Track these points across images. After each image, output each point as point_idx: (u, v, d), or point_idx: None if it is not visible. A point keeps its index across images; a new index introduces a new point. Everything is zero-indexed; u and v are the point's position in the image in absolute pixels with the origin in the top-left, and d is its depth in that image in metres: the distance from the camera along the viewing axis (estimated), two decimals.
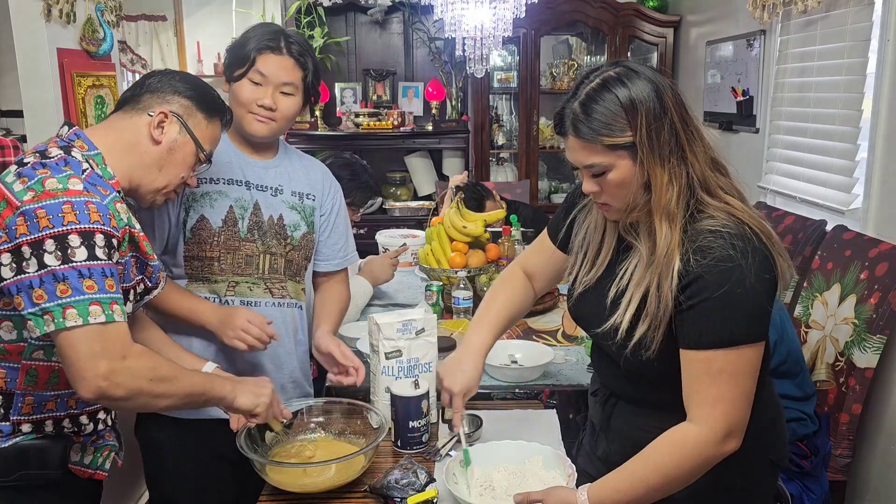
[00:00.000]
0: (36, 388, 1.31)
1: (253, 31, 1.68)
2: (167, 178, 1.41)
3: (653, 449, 1.23)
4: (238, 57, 1.65)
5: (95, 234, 1.20)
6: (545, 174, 4.94)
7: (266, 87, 1.64)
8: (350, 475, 1.41)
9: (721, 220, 1.19)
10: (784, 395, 2.03)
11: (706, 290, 1.16)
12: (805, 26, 2.95)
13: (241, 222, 1.68)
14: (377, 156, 4.63)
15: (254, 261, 1.70)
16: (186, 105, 1.42)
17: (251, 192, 1.70)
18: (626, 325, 1.25)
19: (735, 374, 1.18)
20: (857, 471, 2.33)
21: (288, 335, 1.77)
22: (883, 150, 2.38)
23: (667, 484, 1.22)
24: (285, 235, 1.74)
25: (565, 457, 1.43)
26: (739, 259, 1.15)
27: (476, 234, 2.54)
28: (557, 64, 4.76)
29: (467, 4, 2.89)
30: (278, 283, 1.74)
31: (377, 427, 1.50)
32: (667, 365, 1.24)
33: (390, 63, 4.79)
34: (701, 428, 1.20)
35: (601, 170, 1.22)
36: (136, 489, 2.60)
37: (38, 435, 1.32)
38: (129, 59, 4.38)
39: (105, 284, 1.20)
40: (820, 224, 2.62)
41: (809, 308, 2.40)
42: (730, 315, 1.16)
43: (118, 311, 1.21)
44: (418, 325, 1.64)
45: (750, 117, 3.38)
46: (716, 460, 1.21)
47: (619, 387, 1.41)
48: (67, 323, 1.16)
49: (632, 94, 1.17)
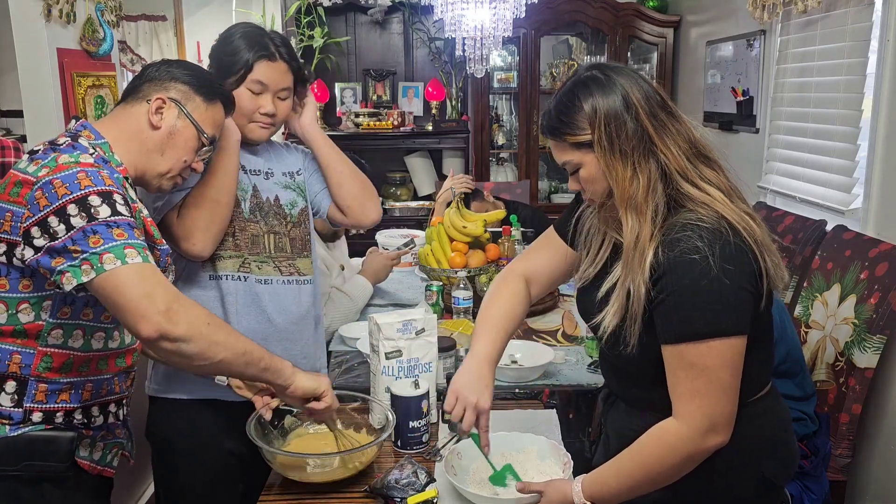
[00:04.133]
0: (50, 375, 1.32)
1: (238, 36, 1.67)
2: (170, 162, 1.44)
3: (639, 444, 1.24)
4: (229, 65, 1.65)
5: (113, 193, 1.25)
6: (545, 174, 4.94)
7: (266, 95, 1.68)
8: (357, 467, 1.43)
9: (699, 214, 1.19)
10: (784, 394, 2.03)
11: (672, 282, 1.17)
12: (805, 26, 2.95)
13: (243, 203, 1.72)
14: (377, 156, 4.63)
15: (260, 240, 1.73)
16: (184, 90, 1.45)
17: (248, 176, 1.74)
18: (608, 320, 1.26)
19: (707, 368, 1.17)
20: (857, 471, 2.33)
21: (300, 311, 1.78)
22: (883, 150, 2.38)
23: (651, 479, 1.23)
24: (284, 214, 1.77)
25: (560, 446, 1.45)
26: (705, 250, 1.15)
27: (476, 234, 2.54)
28: (557, 64, 4.76)
29: (467, 4, 2.89)
30: (286, 262, 1.77)
31: (379, 427, 1.51)
32: (648, 361, 1.24)
33: (390, 63, 4.79)
34: (681, 424, 1.20)
35: (574, 167, 1.29)
36: (139, 485, 2.60)
37: (47, 426, 1.32)
38: (129, 59, 4.37)
39: (134, 233, 1.24)
40: (820, 224, 2.62)
41: (809, 308, 2.40)
42: (694, 307, 1.16)
43: (151, 258, 1.25)
44: (418, 325, 1.64)
45: (750, 117, 3.38)
46: (700, 456, 1.21)
47: (615, 386, 1.43)
48: (107, 266, 1.18)
49: (593, 95, 1.23)
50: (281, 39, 1.71)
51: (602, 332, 1.29)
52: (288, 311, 1.75)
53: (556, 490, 1.29)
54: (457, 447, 1.45)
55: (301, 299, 1.78)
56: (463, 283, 2.38)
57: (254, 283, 1.71)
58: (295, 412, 1.57)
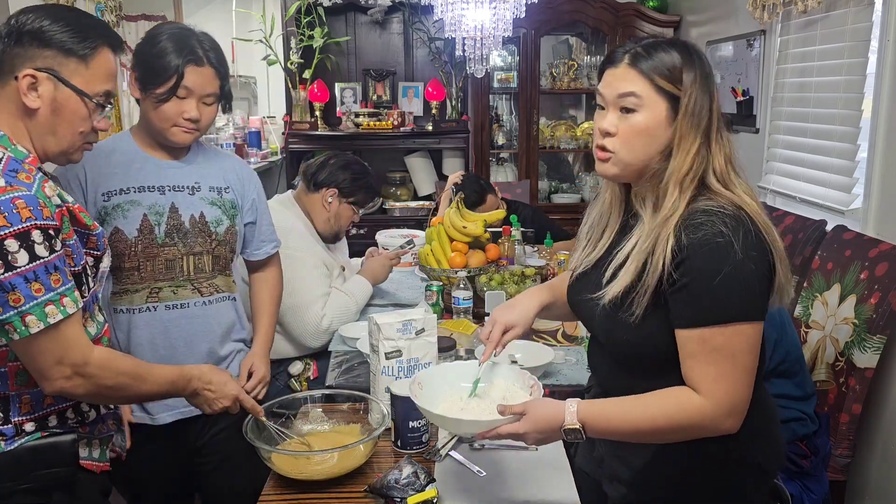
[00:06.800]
0: (29, 387, 1.30)
1: (165, 37, 1.63)
2: (65, 139, 1.29)
3: (654, 395, 1.23)
4: (157, 69, 1.61)
5: (31, 231, 1.17)
6: (545, 174, 4.94)
7: (191, 100, 1.65)
8: (353, 463, 1.44)
9: (719, 202, 1.21)
10: (784, 394, 2.03)
11: (698, 266, 1.17)
12: (805, 26, 2.95)
13: (157, 228, 1.70)
14: (377, 156, 4.63)
15: (176, 264, 1.72)
16: (52, 55, 1.25)
17: (166, 195, 1.71)
18: (618, 284, 1.25)
19: (734, 352, 1.17)
20: (857, 471, 2.33)
21: (221, 332, 1.79)
22: (883, 150, 2.38)
23: (649, 431, 1.22)
24: (209, 232, 1.75)
25: (525, 371, 1.41)
26: (730, 236, 1.16)
27: (476, 234, 2.54)
28: (557, 64, 4.76)
29: (467, 4, 2.89)
30: (206, 282, 1.76)
31: (377, 427, 1.51)
32: (644, 340, 1.24)
33: (390, 63, 4.79)
34: (707, 400, 1.19)
35: (634, 105, 1.23)
36: None
37: (42, 433, 1.30)
38: (129, 60, 4.38)
39: (51, 281, 1.20)
40: (820, 224, 2.62)
41: (809, 308, 2.40)
42: (723, 291, 1.16)
43: (68, 302, 1.22)
44: (418, 325, 1.64)
45: (750, 117, 3.38)
46: (706, 433, 1.21)
47: (611, 383, 1.40)
48: (31, 330, 1.19)
49: (698, 63, 1.24)
50: (210, 43, 1.67)
51: (608, 300, 1.26)
52: (211, 330, 1.77)
53: (540, 407, 1.24)
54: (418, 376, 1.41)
55: (220, 318, 1.79)
56: (463, 283, 2.38)
57: (164, 312, 1.71)
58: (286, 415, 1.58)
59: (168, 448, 1.80)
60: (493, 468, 1.48)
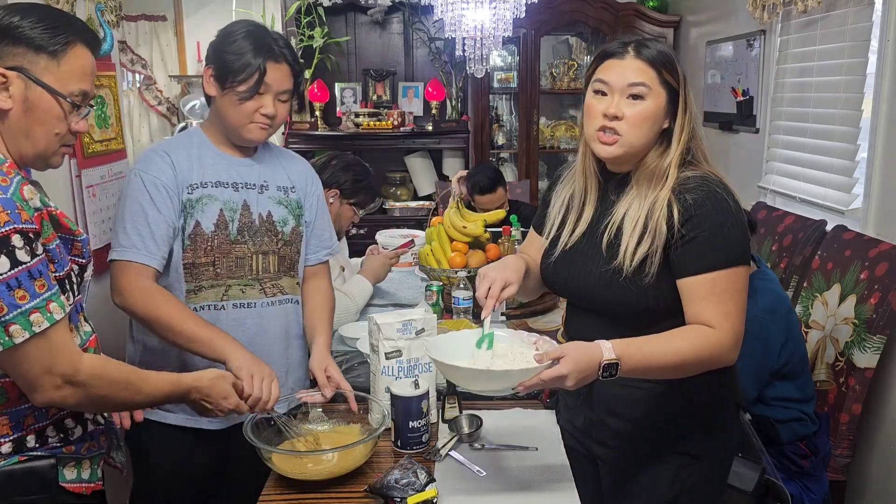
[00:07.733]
0: (8, 406, 1.22)
1: (242, 35, 1.64)
2: (40, 141, 1.23)
3: (677, 333, 1.35)
4: (238, 68, 1.61)
5: (11, 236, 1.11)
6: (545, 174, 4.94)
7: (268, 96, 1.65)
8: (352, 463, 1.44)
9: (703, 171, 1.40)
10: (785, 397, 2.04)
11: (706, 219, 1.34)
12: (805, 26, 2.95)
13: (231, 224, 1.69)
14: (377, 156, 4.63)
15: (246, 262, 1.71)
16: (22, 52, 1.18)
17: (239, 192, 1.71)
18: (631, 254, 1.37)
19: (736, 291, 1.35)
20: (857, 471, 2.33)
21: (280, 334, 1.77)
22: (883, 150, 2.38)
23: (677, 363, 1.33)
24: (276, 232, 1.75)
25: (521, 331, 1.46)
26: (723, 193, 1.36)
27: (476, 234, 2.54)
28: (557, 64, 4.76)
29: (467, 4, 2.89)
30: (271, 282, 1.75)
31: (377, 427, 1.51)
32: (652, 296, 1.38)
33: (390, 63, 4.79)
34: (721, 334, 1.33)
35: (643, 93, 1.37)
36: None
37: (20, 457, 1.22)
38: (129, 59, 4.38)
39: (35, 288, 1.14)
40: (820, 224, 2.62)
41: (809, 308, 2.40)
42: (728, 239, 1.34)
43: (55, 308, 1.16)
44: (418, 325, 1.64)
45: (750, 117, 3.38)
46: (720, 364, 1.36)
47: None
48: (16, 340, 1.12)
49: (679, 61, 1.44)
50: (284, 41, 1.69)
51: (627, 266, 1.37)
52: (269, 332, 1.74)
53: (577, 348, 1.29)
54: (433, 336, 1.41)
55: (281, 320, 1.77)
56: (463, 283, 2.38)
57: (231, 310, 1.70)
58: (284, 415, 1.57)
59: (218, 453, 1.77)
60: (493, 468, 1.49)
